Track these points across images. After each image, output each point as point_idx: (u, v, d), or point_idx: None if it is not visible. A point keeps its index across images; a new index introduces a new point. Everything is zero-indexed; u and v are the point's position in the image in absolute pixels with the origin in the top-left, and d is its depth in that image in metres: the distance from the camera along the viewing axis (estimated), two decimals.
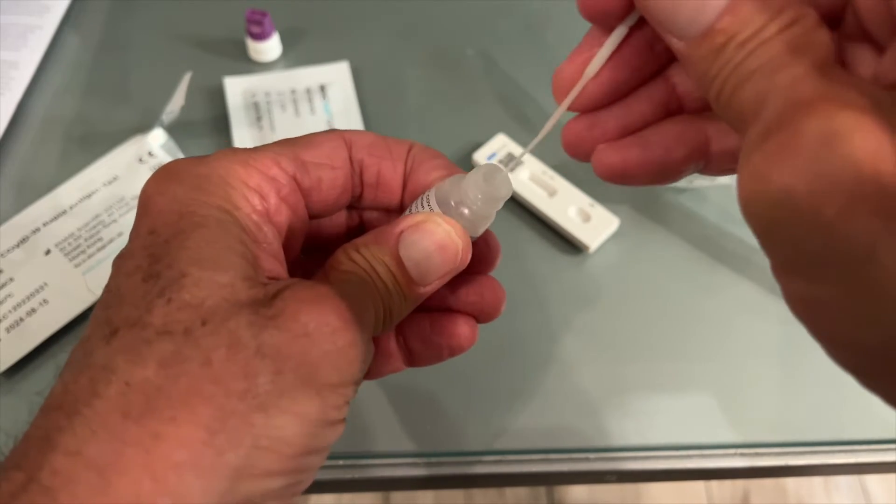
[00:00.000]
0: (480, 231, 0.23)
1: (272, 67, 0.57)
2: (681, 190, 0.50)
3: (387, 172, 0.24)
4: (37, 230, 0.45)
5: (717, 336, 0.44)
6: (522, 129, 0.53)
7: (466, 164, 0.50)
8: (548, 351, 0.43)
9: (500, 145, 0.51)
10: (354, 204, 0.25)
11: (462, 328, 0.25)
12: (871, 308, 0.14)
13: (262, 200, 0.21)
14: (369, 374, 0.25)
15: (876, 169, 0.13)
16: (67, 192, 0.48)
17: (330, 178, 0.23)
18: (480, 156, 0.50)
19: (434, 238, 0.22)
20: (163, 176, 0.20)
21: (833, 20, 0.17)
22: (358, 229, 0.27)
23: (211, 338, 0.17)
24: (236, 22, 0.57)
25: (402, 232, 0.22)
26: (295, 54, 0.58)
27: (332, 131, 0.24)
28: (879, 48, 0.16)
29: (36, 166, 0.50)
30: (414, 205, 0.23)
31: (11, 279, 0.43)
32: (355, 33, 0.59)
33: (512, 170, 0.23)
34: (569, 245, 0.48)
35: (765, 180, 0.15)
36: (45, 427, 0.17)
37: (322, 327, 0.19)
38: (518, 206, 0.49)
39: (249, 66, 0.57)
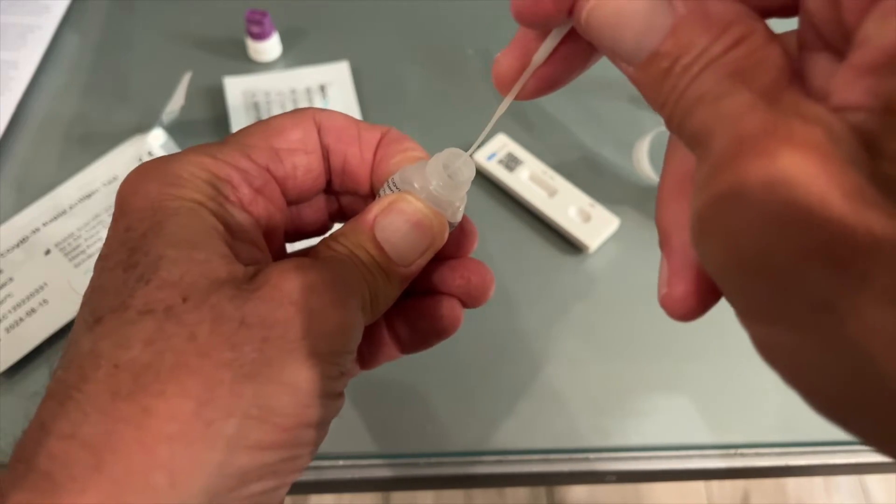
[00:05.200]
0: (452, 215, 0.23)
1: (272, 67, 0.57)
2: None
3: (353, 159, 0.24)
4: (36, 230, 0.45)
5: (718, 336, 0.44)
6: (522, 129, 0.53)
7: None
8: (548, 351, 0.43)
9: (500, 145, 0.51)
10: (328, 188, 0.25)
11: (445, 310, 0.25)
12: (832, 358, 0.13)
13: (234, 191, 0.21)
14: (365, 363, 0.26)
15: (826, 215, 0.12)
16: (67, 192, 0.47)
17: (305, 164, 0.23)
18: (480, 156, 0.50)
19: (406, 215, 0.22)
20: (135, 177, 0.20)
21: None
22: (339, 214, 0.27)
23: (193, 313, 0.17)
24: (236, 22, 0.57)
25: (375, 217, 0.22)
26: (295, 54, 0.58)
27: (302, 112, 0.23)
28: (838, 55, 0.15)
29: (36, 166, 0.50)
30: (381, 190, 0.23)
31: (11, 279, 0.43)
32: (355, 33, 0.59)
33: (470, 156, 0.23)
34: (569, 245, 0.48)
35: (711, 226, 0.14)
36: (41, 417, 0.17)
37: (307, 295, 0.18)
38: (518, 206, 0.49)
39: (249, 65, 0.57)
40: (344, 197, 0.26)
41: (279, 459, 0.18)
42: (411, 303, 0.25)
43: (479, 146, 0.23)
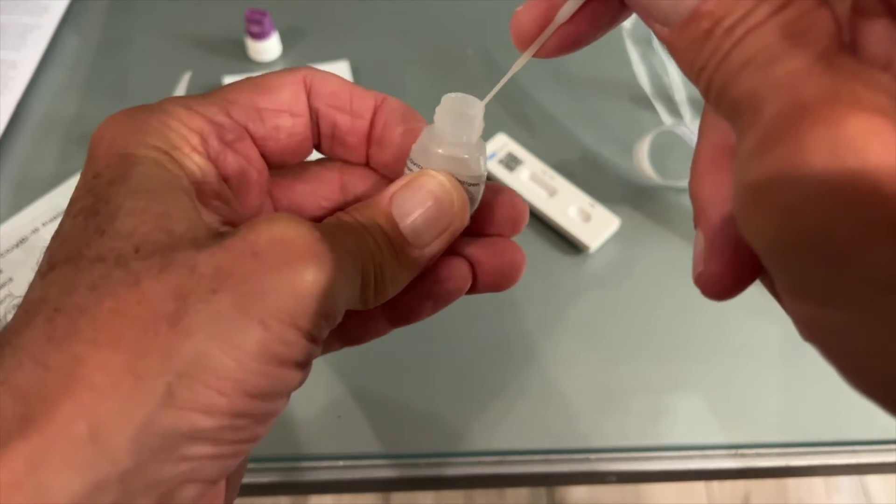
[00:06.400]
0: (476, 166, 0.22)
1: (272, 67, 0.57)
2: (681, 190, 0.50)
3: (343, 126, 0.23)
4: (36, 230, 0.45)
5: (718, 336, 0.44)
6: (522, 129, 0.53)
7: None
8: (548, 351, 0.43)
9: (500, 145, 0.50)
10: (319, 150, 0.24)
11: (453, 269, 0.23)
12: (889, 339, 0.12)
13: (202, 142, 0.20)
14: (353, 339, 0.24)
15: (895, 185, 0.11)
16: (66, 191, 0.47)
17: (288, 126, 0.22)
18: None
19: (425, 190, 0.21)
20: (107, 124, 0.20)
21: None
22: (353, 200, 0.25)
23: (143, 261, 0.16)
24: (236, 21, 0.57)
25: (394, 193, 0.21)
26: (294, 54, 0.58)
27: (294, 72, 0.22)
28: None
29: (35, 166, 0.50)
30: (406, 170, 0.22)
31: (11, 279, 0.43)
32: (355, 33, 0.59)
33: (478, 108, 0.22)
34: (569, 245, 0.48)
35: (765, 200, 0.13)
36: None
37: (275, 246, 0.17)
38: None
39: (249, 65, 0.57)
40: (351, 183, 0.25)
41: (216, 426, 0.16)
42: None
43: (489, 99, 0.22)
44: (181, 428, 0.16)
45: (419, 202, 0.21)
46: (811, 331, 0.14)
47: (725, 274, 0.17)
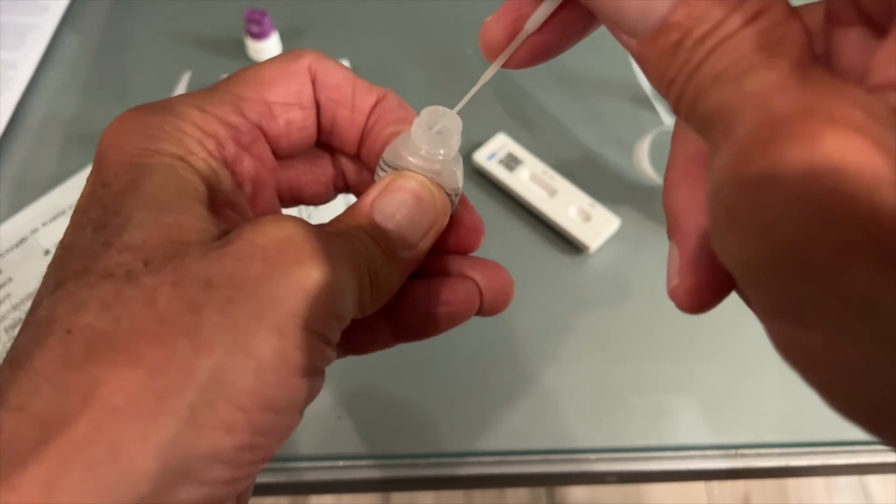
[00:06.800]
0: (450, 180, 0.22)
1: None
2: None
3: (343, 121, 0.22)
4: (35, 230, 0.45)
5: (718, 336, 0.44)
6: (522, 129, 0.53)
7: (467, 164, 0.50)
8: (548, 351, 0.43)
9: (500, 145, 0.50)
10: (323, 145, 0.24)
11: (461, 292, 0.22)
12: (872, 360, 0.12)
13: (218, 147, 0.20)
14: (356, 349, 0.24)
15: (874, 204, 0.11)
16: (66, 192, 0.47)
17: (299, 120, 0.22)
18: (481, 155, 0.50)
19: (406, 190, 0.20)
20: (115, 128, 0.19)
21: None
22: (340, 181, 0.25)
23: (154, 276, 0.16)
24: (235, 21, 0.57)
25: (373, 200, 0.20)
26: None
27: (298, 59, 0.22)
28: (875, 29, 0.14)
29: (35, 166, 0.50)
30: (376, 174, 0.22)
31: (10, 279, 0.43)
32: (355, 33, 0.59)
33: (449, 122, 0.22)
34: (569, 245, 0.48)
35: (741, 219, 0.12)
36: None
37: (284, 248, 0.17)
38: (518, 206, 0.49)
39: (249, 65, 0.56)
40: (344, 162, 0.25)
41: (236, 446, 0.16)
42: (418, 283, 0.23)
43: (461, 108, 0.22)
44: (202, 449, 0.15)
45: (401, 203, 0.20)
46: (788, 351, 0.14)
47: (701, 287, 0.17)
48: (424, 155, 0.21)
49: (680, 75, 0.14)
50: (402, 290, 0.22)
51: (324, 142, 0.23)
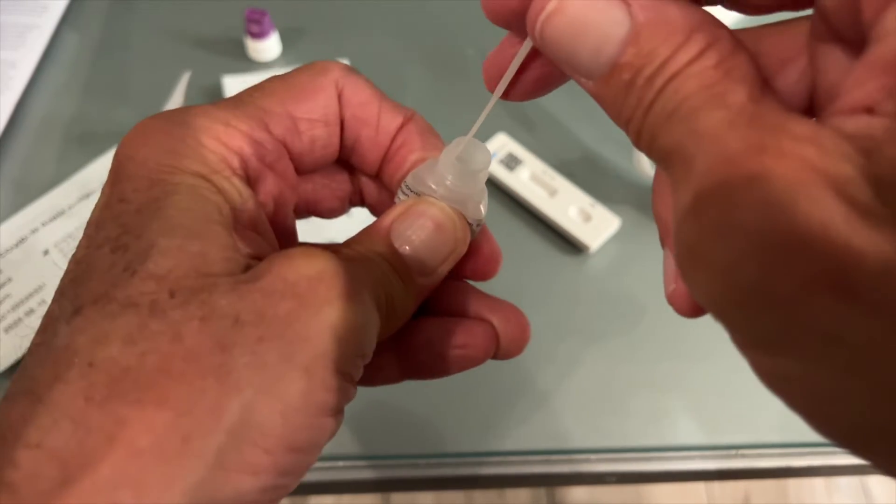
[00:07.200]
0: (474, 210, 0.21)
1: (271, 66, 0.56)
2: None
3: (366, 140, 0.22)
4: (35, 230, 0.45)
5: (718, 336, 0.44)
6: (522, 129, 0.53)
7: None
8: (548, 351, 0.43)
9: (500, 145, 0.50)
10: (342, 162, 0.23)
11: (478, 336, 0.22)
12: (845, 388, 0.12)
13: (242, 164, 0.19)
14: (362, 381, 0.23)
15: (829, 241, 0.11)
16: (66, 192, 0.47)
17: (324, 138, 0.21)
18: None
19: (425, 218, 0.20)
20: (136, 137, 0.18)
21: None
22: (357, 197, 0.25)
23: (181, 310, 0.15)
24: (235, 21, 0.57)
25: (392, 223, 0.20)
26: (294, 53, 0.57)
27: (325, 72, 0.21)
28: (853, 48, 0.14)
29: (34, 166, 0.50)
30: (397, 196, 0.22)
31: (10, 279, 0.43)
32: (355, 32, 0.59)
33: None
34: (569, 245, 0.48)
35: (703, 260, 0.13)
36: (9, 417, 0.15)
37: (315, 285, 0.16)
38: (518, 206, 0.49)
39: (248, 65, 0.56)
40: (363, 179, 0.24)
41: (261, 487, 0.16)
42: (434, 322, 0.22)
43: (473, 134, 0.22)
44: (226, 492, 0.15)
45: (419, 228, 0.20)
46: (768, 378, 0.14)
47: None
48: (450, 185, 0.20)
49: (636, 114, 0.14)
50: (417, 329, 0.22)
51: (344, 159, 0.23)
